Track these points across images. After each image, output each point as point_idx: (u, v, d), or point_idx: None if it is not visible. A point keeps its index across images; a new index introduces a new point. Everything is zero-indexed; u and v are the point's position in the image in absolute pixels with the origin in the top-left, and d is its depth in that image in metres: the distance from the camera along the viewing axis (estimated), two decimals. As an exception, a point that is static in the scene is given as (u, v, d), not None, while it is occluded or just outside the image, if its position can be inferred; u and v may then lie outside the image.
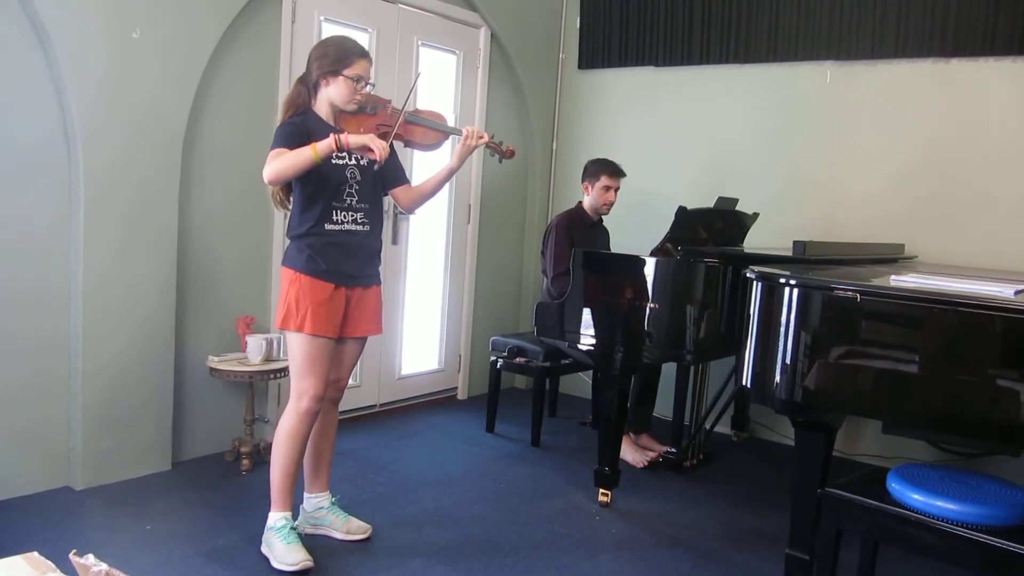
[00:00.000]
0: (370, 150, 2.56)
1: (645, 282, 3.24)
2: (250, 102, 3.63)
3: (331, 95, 2.70)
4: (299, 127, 2.65)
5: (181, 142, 3.36)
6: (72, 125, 3.06)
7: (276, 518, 2.73)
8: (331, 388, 2.85)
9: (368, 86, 2.73)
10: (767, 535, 3.19)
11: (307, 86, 2.75)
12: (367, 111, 2.76)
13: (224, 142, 3.55)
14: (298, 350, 2.70)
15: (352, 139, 2.55)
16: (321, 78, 2.69)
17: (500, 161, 3.00)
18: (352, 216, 2.75)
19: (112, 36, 3.10)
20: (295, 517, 2.85)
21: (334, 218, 2.71)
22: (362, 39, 3.60)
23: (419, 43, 4.41)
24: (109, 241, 3.19)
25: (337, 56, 2.67)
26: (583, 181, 4.14)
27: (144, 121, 3.23)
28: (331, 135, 2.55)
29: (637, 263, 3.30)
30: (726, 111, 4.64)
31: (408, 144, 2.85)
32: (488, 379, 4.39)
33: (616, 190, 4.10)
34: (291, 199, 2.75)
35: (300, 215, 2.71)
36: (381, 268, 2.94)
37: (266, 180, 2.58)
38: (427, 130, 2.81)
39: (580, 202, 4.20)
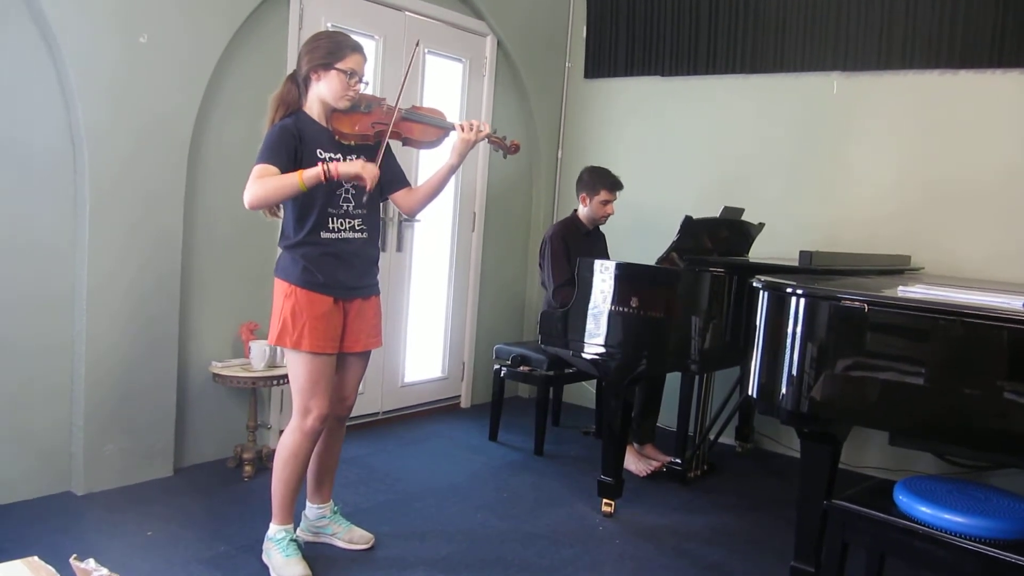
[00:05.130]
0: (361, 179, 2.48)
1: (651, 291, 3.23)
2: (256, 108, 3.60)
3: (322, 91, 2.57)
4: (289, 131, 2.52)
5: (187, 147, 3.36)
6: (78, 129, 3.06)
7: (276, 530, 2.70)
8: (338, 406, 2.77)
9: (361, 83, 2.61)
10: (772, 547, 3.17)
11: (297, 83, 2.61)
12: (361, 109, 2.64)
13: (230, 147, 3.54)
14: (299, 369, 2.60)
15: (342, 168, 2.46)
16: (312, 72, 2.55)
17: (504, 156, 2.87)
18: (349, 223, 2.64)
19: (120, 41, 3.11)
20: (297, 527, 2.83)
21: (330, 225, 2.60)
22: (369, 46, 3.60)
23: (426, 51, 4.41)
24: (113, 245, 3.19)
25: (329, 49, 2.54)
26: (579, 192, 4.11)
27: (150, 126, 3.24)
28: (319, 164, 2.45)
29: (642, 272, 3.29)
30: (732, 121, 4.64)
31: (406, 142, 2.73)
32: (492, 387, 4.38)
33: (614, 202, 4.08)
34: (282, 206, 2.64)
35: (294, 223, 2.59)
36: (382, 276, 2.86)
37: (247, 204, 2.44)
38: (426, 127, 2.70)
39: (575, 211, 4.18)
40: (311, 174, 2.44)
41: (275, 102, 2.62)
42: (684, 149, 4.81)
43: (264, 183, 2.44)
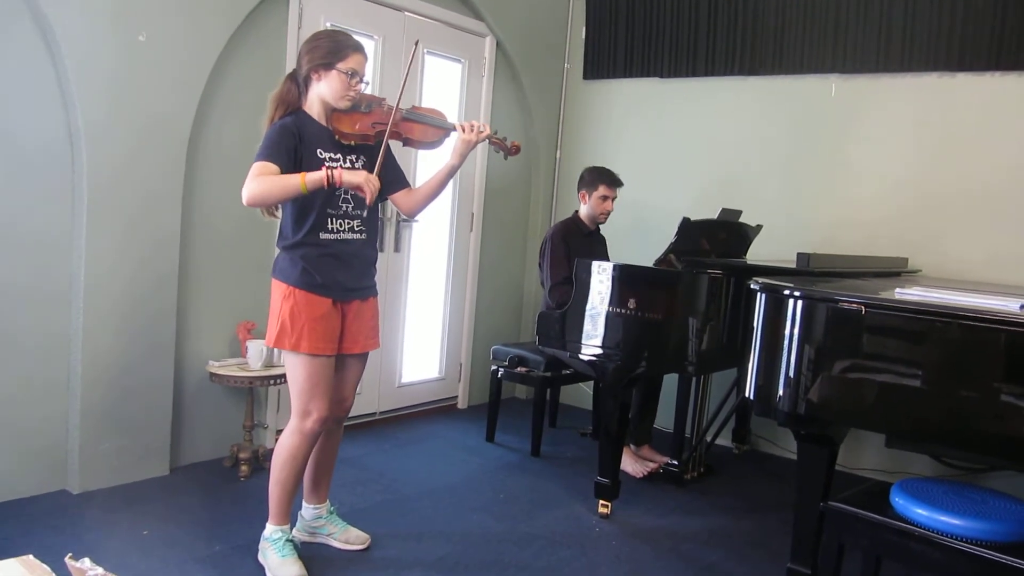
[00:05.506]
0: (362, 190, 2.46)
1: (649, 293, 3.22)
2: (255, 107, 3.57)
3: (322, 91, 2.55)
4: (289, 129, 2.50)
5: (185, 146, 3.36)
6: (77, 127, 3.06)
7: (272, 530, 2.69)
8: (336, 408, 2.75)
9: (362, 83, 2.59)
10: (768, 549, 3.17)
11: (297, 82, 2.59)
12: (361, 109, 2.62)
13: (228, 147, 3.54)
14: (299, 371, 2.58)
15: (346, 176, 2.43)
16: (312, 72, 2.53)
17: (505, 157, 2.86)
18: (348, 224, 2.63)
19: (119, 39, 3.10)
20: (293, 527, 2.82)
21: (329, 227, 2.58)
22: (368, 46, 3.60)
23: (425, 51, 4.41)
24: (111, 244, 3.18)
25: (330, 48, 2.52)
26: (579, 190, 4.13)
27: (149, 124, 3.23)
28: (323, 168, 2.43)
29: (640, 273, 3.29)
30: (730, 123, 4.64)
31: (407, 143, 2.72)
32: (489, 388, 4.38)
33: (614, 199, 4.09)
34: (280, 206, 2.63)
35: (293, 223, 2.57)
36: (380, 277, 2.84)
37: (245, 201, 2.41)
38: (427, 127, 2.69)
39: (576, 211, 4.19)
40: (314, 178, 2.41)
41: (274, 101, 2.60)
42: (682, 151, 4.82)
43: (264, 181, 2.41)
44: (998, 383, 2.05)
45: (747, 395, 2.51)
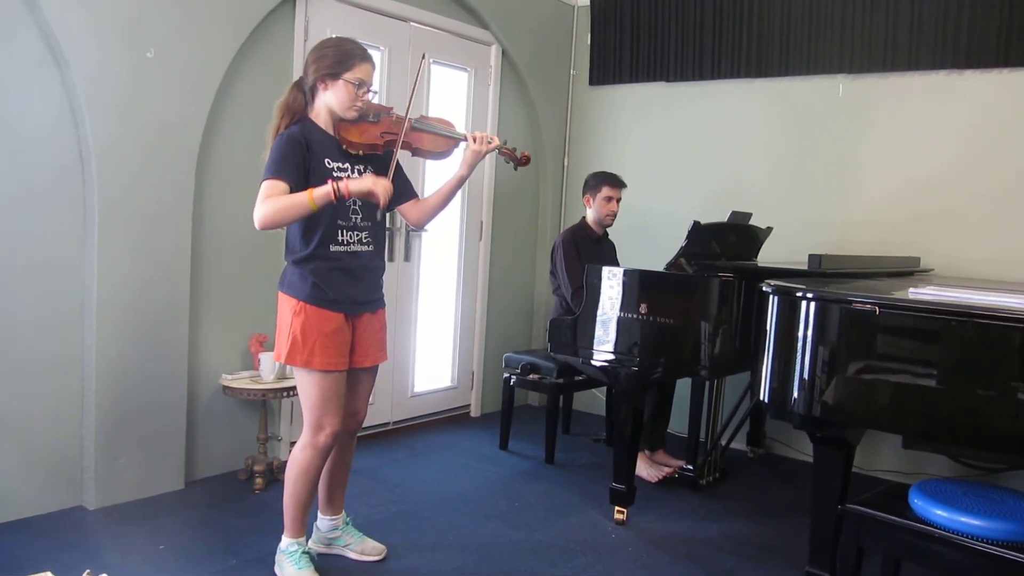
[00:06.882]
0: (374, 195, 2.44)
1: (661, 297, 3.22)
2: (263, 121, 3.58)
3: (329, 101, 2.53)
4: (296, 140, 2.47)
5: (195, 160, 3.38)
6: (87, 145, 3.08)
7: (288, 542, 2.68)
8: (349, 421, 2.74)
9: (370, 92, 2.57)
10: (786, 553, 3.15)
11: (303, 91, 2.57)
12: (369, 119, 2.59)
13: (238, 160, 3.55)
14: (311, 387, 2.56)
15: (353, 185, 2.42)
16: (319, 81, 2.51)
17: (515, 168, 2.85)
18: (357, 236, 2.61)
19: (127, 56, 3.12)
20: (308, 538, 2.82)
21: (339, 239, 2.56)
22: (374, 57, 3.61)
23: (431, 60, 4.42)
24: (123, 259, 3.20)
25: (337, 58, 2.49)
26: (584, 195, 4.17)
27: (158, 140, 3.25)
28: (329, 182, 2.40)
29: (651, 278, 3.29)
30: (738, 125, 4.63)
31: (416, 152, 2.70)
32: (501, 396, 4.37)
33: (618, 200, 4.10)
34: None
35: (302, 236, 2.54)
36: (390, 286, 2.82)
37: (257, 226, 2.39)
38: (436, 137, 2.67)
39: (583, 217, 4.20)
40: (321, 193, 2.39)
41: (280, 109, 2.58)
42: (690, 154, 4.81)
43: (273, 204, 2.39)
44: (1015, 381, 2.03)
45: (761, 398, 2.50)
